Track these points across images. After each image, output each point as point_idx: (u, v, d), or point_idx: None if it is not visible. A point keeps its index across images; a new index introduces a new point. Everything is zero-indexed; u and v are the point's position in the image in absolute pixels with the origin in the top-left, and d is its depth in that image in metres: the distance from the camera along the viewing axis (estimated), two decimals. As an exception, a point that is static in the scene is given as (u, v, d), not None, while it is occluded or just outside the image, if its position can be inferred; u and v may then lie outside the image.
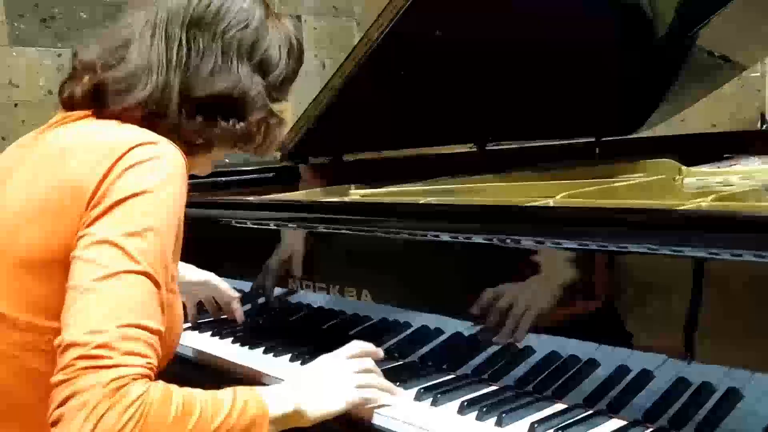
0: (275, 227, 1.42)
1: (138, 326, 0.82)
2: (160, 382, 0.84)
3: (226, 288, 1.48)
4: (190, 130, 1.00)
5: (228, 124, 1.01)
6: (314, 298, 1.36)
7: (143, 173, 0.90)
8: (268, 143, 1.09)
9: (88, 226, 0.87)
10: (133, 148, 0.91)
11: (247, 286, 1.50)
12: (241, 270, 1.52)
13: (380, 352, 1.12)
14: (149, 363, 0.83)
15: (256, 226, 1.46)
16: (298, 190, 1.81)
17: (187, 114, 0.99)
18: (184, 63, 0.99)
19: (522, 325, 1.05)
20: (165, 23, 1.00)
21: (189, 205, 1.65)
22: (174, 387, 0.85)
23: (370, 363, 1.07)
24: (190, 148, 1.00)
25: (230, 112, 1.02)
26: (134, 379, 0.80)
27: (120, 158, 0.90)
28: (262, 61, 1.05)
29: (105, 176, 0.89)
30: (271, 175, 1.92)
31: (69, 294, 0.84)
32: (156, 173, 0.91)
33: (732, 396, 0.86)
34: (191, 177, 1.82)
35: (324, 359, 1.07)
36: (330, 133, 1.82)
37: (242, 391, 0.91)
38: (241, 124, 1.02)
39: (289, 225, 1.41)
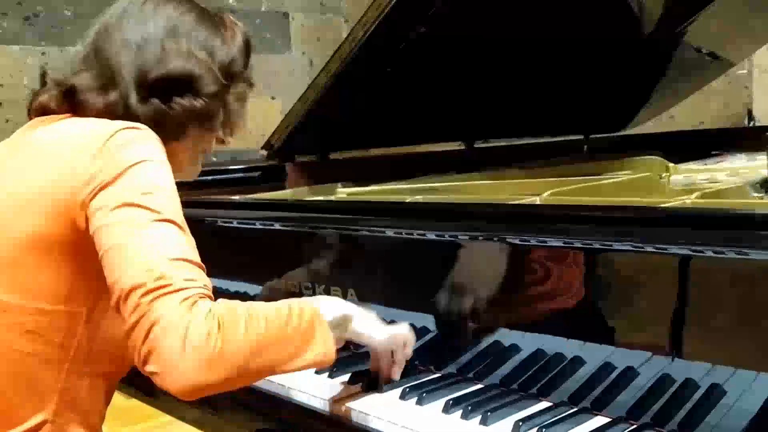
0: (261, 227, 1.42)
1: (183, 259, 0.88)
2: (220, 299, 0.89)
3: None
4: (152, 112, 1.04)
5: (184, 100, 1.05)
6: (301, 297, 1.35)
7: (137, 146, 0.96)
8: (233, 119, 1.13)
9: (93, 200, 0.92)
10: (117, 131, 0.97)
11: (232, 286, 1.50)
12: (226, 270, 1.51)
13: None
14: (206, 286, 0.88)
15: (241, 226, 1.45)
16: (284, 189, 1.81)
17: (143, 98, 1.04)
18: (135, 61, 1.05)
19: (507, 323, 1.05)
20: (113, 29, 1.07)
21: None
22: (234, 300, 0.91)
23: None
24: (167, 137, 1.03)
25: (185, 89, 1.06)
26: (201, 297, 0.86)
27: (109, 139, 0.95)
28: (207, 38, 1.10)
29: (97, 156, 0.94)
30: (257, 174, 1.91)
31: (106, 256, 0.89)
32: (149, 146, 0.97)
33: (715, 392, 0.86)
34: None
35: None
36: (316, 131, 1.81)
37: (295, 300, 0.97)
38: (199, 100, 1.06)
39: (276, 224, 1.40)
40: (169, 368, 0.82)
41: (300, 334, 0.93)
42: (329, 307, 1.01)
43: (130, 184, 0.92)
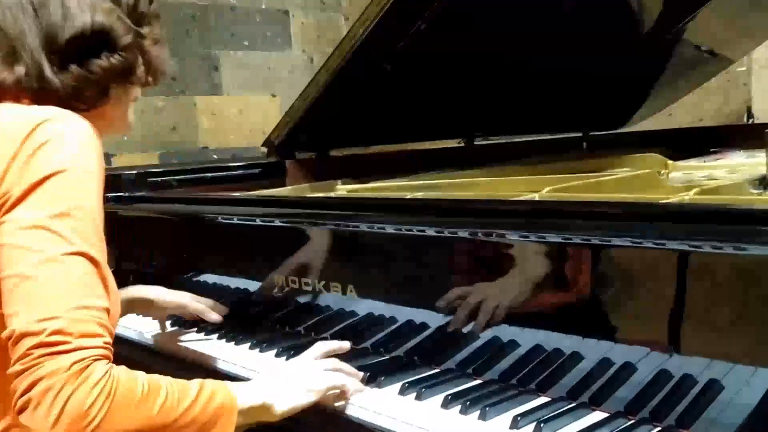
0: (261, 223, 1.42)
1: (86, 307, 0.82)
2: (122, 366, 0.84)
3: (201, 307, 1.42)
4: (72, 83, 0.97)
5: (103, 60, 0.99)
6: (300, 293, 1.35)
7: (55, 151, 0.88)
8: (155, 66, 1.07)
9: (8, 211, 0.85)
10: (35, 128, 0.89)
11: (232, 282, 1.50)
12: (226, 266, 1.51)
13: (345, 345, 1.16)
14: (106, 342, 0.83)
15: (242, 222, 1.45)
16: (284, 185, 1.81)
17: (60, 67, 0.97)
18: (35, 25, 0.97)
19: (506, 319, 1.06)
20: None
21: (174, 201, 1.66)
22: (136, 371, 0.86)
23: (333, 362, 1.10)
24: (90, 104, 0.99)
25: (100, 49, 0.99)
26: (95, 360, 0.81)
27: (25, 139, 0.88)
28: None
29: (13, 159, 0.87)
30: (257, 170, 1.91)
31: (7, 282, 0.83)
32: (67, 149, 0.89)
33: (713, 387, 0.87)
34: (174, 173, 1.83)
35: (290, 362, 1.12)
36: (317, 129, 1.82)
37: (210, 381, 0.92)
38: (116, 55, 1.00)
39: (276, 221, 1.41)
40: (43, 429, 0.78)
41: (198, 421, 0.87)
42: (248, 393, 0.96)
43: (45, 201, 0.85)
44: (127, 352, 1.35)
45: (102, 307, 0.84)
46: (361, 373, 1.10)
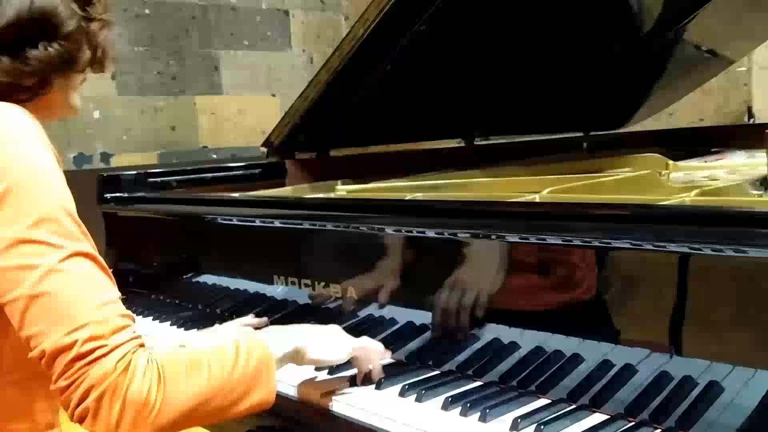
0: (261, 224, 1.42)
1: (105, 304, 0.82)
2: (155, 347, 0.85)
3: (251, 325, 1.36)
4: (5, 76, 0.89)
5: (40, 50, 0.90)
6: (300, 294, 1.35)
7: (10, 150, 0.83)
8: (101, 52, 0.98)
9: None
10: None
11: (232, 283, 1.50)
12: (226, 267, 1.51)
13: (387, 352, 1.14)
14: (134, 331, 0.83)
15: (241, 223, 1.45)
16: (284, 186, 1.81)
17: None
18: None
19: (506, 320, 1.06)
20: None
21: (174, 201, 1.66)
22: (175, 347, 0.89)
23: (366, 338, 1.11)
24: (31, 94, 0.92)
25: (37, 36, 0.90)
26: (133, 353, 0.81)
27: None
28: None
29: None
30: (257, 171, 1.91)
31: (15, 305, 0.81)
32: (23, 142, 0.84)
33: (713, 389, 0.87)
34: (174, 173, 1.83)
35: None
36: (317, 129, 1.82)
37: (243, 339, 0.93)
38: (56, 44, 0.91)
39: (275, 222, 1.40)
40: (109, 430, 0.79)
41: (244, 379, 0.89)
42: (280, 342, 0.97)
43: (14, 214, 0.81)
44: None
45: (116, 298, 0.84)
46: (389, 352, 1.12)
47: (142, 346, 0.83)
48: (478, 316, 1.08)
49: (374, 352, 1.09)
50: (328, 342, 1.04)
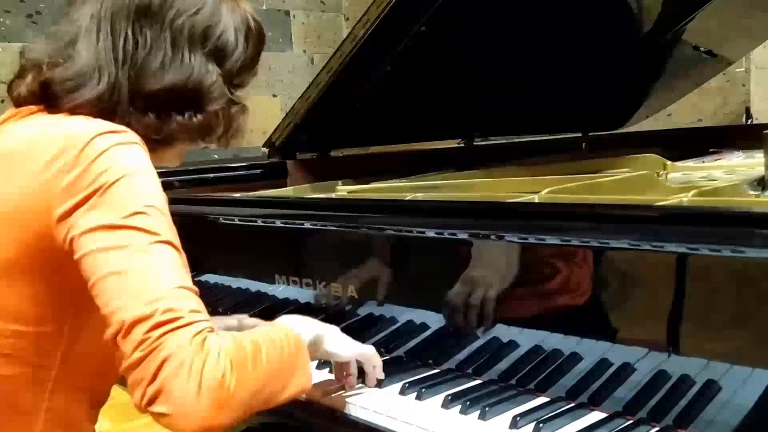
0: (262, 224, 1.43)
1: (185, 287, 0.83)
2: (223, 333, 0.85)
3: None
4: (143, 126, 0.94)
5: (184, 118, 0.96)
6: (301, 294, 1.36)
7: (119, 156, 0.87)
8: (232, 132, 1.04)
9: (71, 217, 0.84)
10: (94, 137, 0.87)
11: (233, 282, 1.51)
12: (228, 267, 1.52)
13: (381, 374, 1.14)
14: (208, 318, 0.84)
15: (243, 223, 1.46)
16: (285, 186, 1.82)
17: (140, 110, 0.94)
18: (131, 58, 0.94)
19: (506, 319, 1.06)
20: (110, 17, 0.94)
21: (176, 201, 1.66)
22: (231, 332, 0.89)
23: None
24: (149, 144, 0.96)
25: (186, 105, 0.96)
26: (209, 332, 0.81)
27: (86, 146, 0.87)
28: (217, 48, 0.98)
29: (73, 165, 0.86)
30: (258, 171, 1.92)
31: (99, 284, 0.82)
32: (132, 154, 0.88)
33: (711, 388, 0.87)
34: (176, 173, 1.83)
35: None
36: (318, 129, 1.82)
37: (276, 325, 0.96)
38: (199, 116, 0.97)
39: (277, 222, 1.41)
40: (182, 410, 0.76)
41: (289, 363, 0.90)
42: (305, 328, 0.98)
43: (118, 203, 0.84)
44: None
45: (195, 289, 0.85)
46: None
47: (212, 330, 0.83)
48: (478, 315, 1.09)
49: (375, 357, 1.09)
50: (342, 338, 1.06)
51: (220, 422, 0.79)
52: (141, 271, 0.81)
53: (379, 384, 1.10)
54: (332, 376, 1.15)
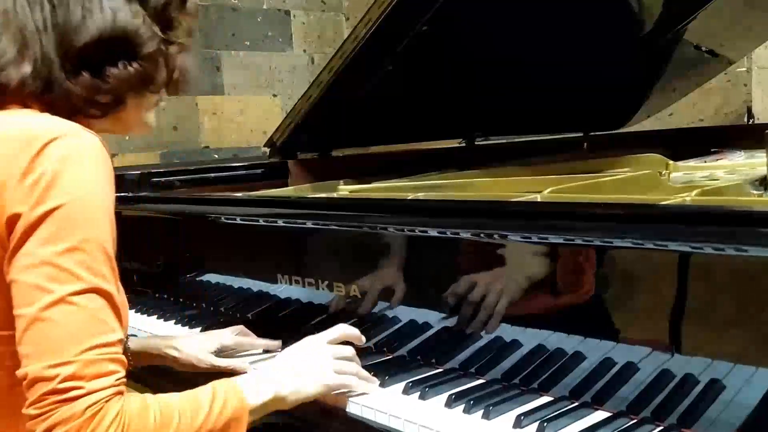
0: (264, 223, 1.43)
1: (99, 346, 0.82)
2: (135, 394, 0.85)
3: (243, 342, 1.32)
4: (83, 88, 0.91)
5: (119, 68, 0.93)
6: (304, 293, 1.36)
7: (65, 178, 0.84)
8: (177, 76, 1.00)
9: (19, 243, 0.83)
10: (45, 146, 0.85)
11: (236, 282, 1.51)
12: (230, 266, 1.52)
13: (362, 337, 1.14)
14: (118, 379, 0.83)
15: (245, 223, 1.46)
16: (287, 186, 1.82)
17: (73, 73, 0.91)
18: (51, 21, 0.90)
19: (509, 319, 1.06)
20: None
21: (178, 201, 1.67)
22: (149, 396, 0.86)
23: (349, 351, 1.09)
24: (104, 111, 0.94)
25: (118, 54, 0.93)
26: (107, 401, 0.81)
27: (36, 157, 0.84)
28: None
29: (22, 177, 0.83)
30: (260, 171, 1.92)
31: (20, 321, 0.82)
32: (78, 175, 0.85)
33: (714, 387, 0.87)
34: (177, 173, 1.84)
35: (305, 342, 1.09)
36: (319, 129, 1.83)
37: (220, 385, 0.92)
38: (135, 64, 0.93)
39: (279, 221, 1.41)
40: None
41: (218, 428, 0.88)
42: (258, 390, 0.95)
43: (54, 235, 0.82)
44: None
45: (115, 341, 0.84)
46: (376, 380, 1.10)
47: (120, 394, 0.83)
48: (481, 315, 1.09)
49: (342, 386, 1.06)
50: (310, 378, 1.02)
51: None
52: (56, 325, 0.81)
53: (383, 383, 1.10)
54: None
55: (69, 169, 0.85)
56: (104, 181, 0.88)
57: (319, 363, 1.05)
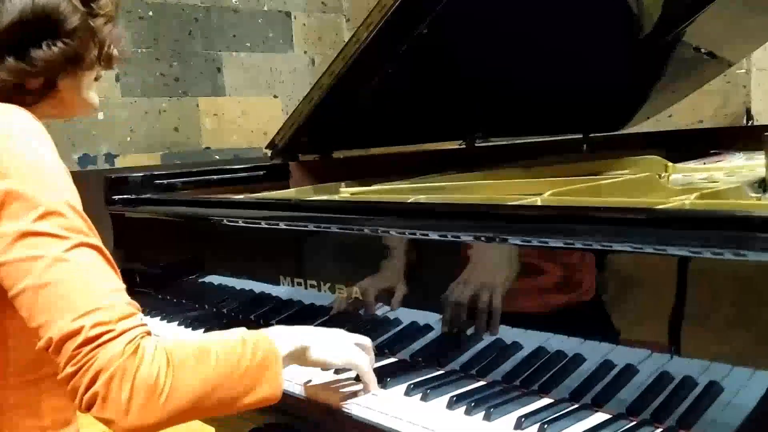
0: (266, 226, 1.43)
1: (110, 291, 0.82)
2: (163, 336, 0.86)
3: None
4: (9, 73, 0.89)
5: (43, 49, 0.90)
6: (306, 295, 1.37)
7: (17, 149, 0.84)
8: (108, 49, 0.97)
9: None
10: None
11: (237, 284, 1.52)
12: (232, 268, 1.53)
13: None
14: (141, 319, 0.84)
15: (247, 225, 1.47)
16: (288, 187, 1.83)
17: None
18: None
19: (509, 321, 1.07)
20: None
21: (181, 203, 1.68)
22: (183, 339, 0.88)
23: (368, 341, 1.11)
24: (37, 95, 0.92)
25: (41, 34, 0.90)
26: (142, 337, 0.81)
27: None
28: None
29: None
30: (261, 172, 1.93)
31: (23, 297, 0.81)
32: (18, 148, 0.84)
33: (713, 389, 0.88)
34: (180, 175, 1.84)
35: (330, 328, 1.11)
36: (320, 131, 1.83)
37: (247, 333, 0.93)
38: (59, 43, 0.91)
39: (280, 223, 1.42)
40: (119, 414, 0.79)
41: (251, 372, 0.88)
42: (286, 339, 0.96)
43: (23, 208, 0.81)
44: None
45: (122, 287, 0.84)
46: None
47: (148, 333, 0.83)
48: (482, 317, 1.10)
49: (362, 365, 1.06)
50: (332, 345, 1.04)
51: (159, 418, 0.80)
52: (63, 283, 0.80)
53: (384, 385, 1.11)
54: (336, 376, 1.16)
55: (7, 146, 0.84)
56: (45, 146, 0.87)
57: (341, 337, 1.07)
